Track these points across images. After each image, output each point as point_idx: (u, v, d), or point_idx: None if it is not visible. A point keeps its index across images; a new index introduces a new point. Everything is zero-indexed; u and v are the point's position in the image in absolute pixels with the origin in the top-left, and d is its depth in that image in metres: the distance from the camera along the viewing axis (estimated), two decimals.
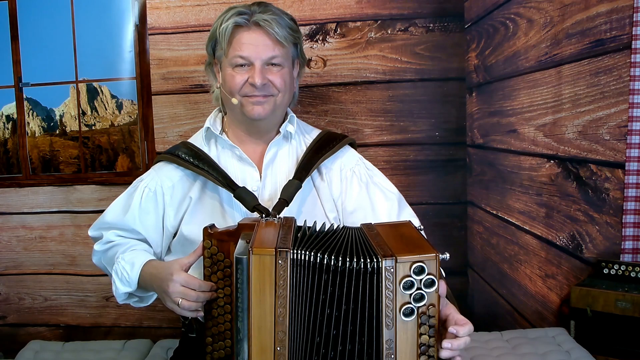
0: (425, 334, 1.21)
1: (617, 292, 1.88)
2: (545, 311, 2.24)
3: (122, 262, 1.54)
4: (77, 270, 2.66)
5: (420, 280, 1.18)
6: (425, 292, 1.19)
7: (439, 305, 1.22)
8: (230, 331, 1.34)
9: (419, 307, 1.19)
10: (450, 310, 1.27)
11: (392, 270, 1.18)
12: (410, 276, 1.18)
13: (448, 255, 1.22)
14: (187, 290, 1.35)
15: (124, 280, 1.53)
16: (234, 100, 1.57)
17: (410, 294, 1.18)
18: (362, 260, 1.19)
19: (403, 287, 1.18)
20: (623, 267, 1.96)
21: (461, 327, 1.23)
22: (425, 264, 1.17)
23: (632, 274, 1.94)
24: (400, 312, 1.19)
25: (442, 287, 1.25)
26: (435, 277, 1.18)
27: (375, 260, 1.19)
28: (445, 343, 1.21)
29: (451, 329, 1.22)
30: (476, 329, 2.21)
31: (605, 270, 1.98)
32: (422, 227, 1.36)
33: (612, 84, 1.92)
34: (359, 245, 1.26)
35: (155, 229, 1.63)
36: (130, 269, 1.52)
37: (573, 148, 2.06)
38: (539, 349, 1.98)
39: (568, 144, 2.08)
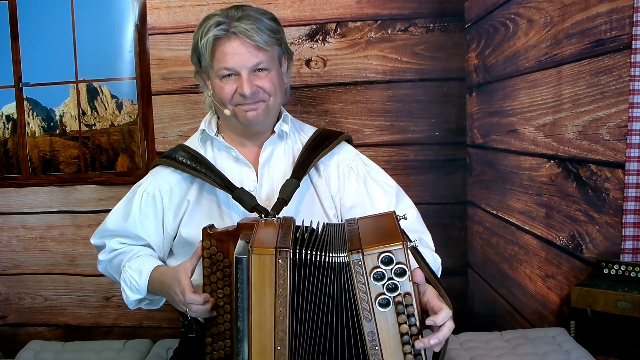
0: (404, 323, 1.21)
1: (617, 292, 1.87)
2: (545, 311, 2.24)
3: (130, 270, 1.55)
4: (77, 270, 2.67)
5: (391, 270, 1.18)
6: (397, 281, 1.19)
7: (418, 293, 1.23)
8: (229, 331, 1.34)
9: (394, 297, 1.20)
10: (429, 296, 1.27)
11: (360, 263, 1.18)
12: (380, 267, 1.18)
13: (417, 239, 1.23)
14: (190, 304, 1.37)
15: (133, 288, 1.54)
16: (227, 112, 1.57)
17: (383, 285, 1.19)
18: (334, 254, 1.21)
19: (374, 279, 1.18)
20: (623, 267, 1.96)
21: (437, 315, 1.22)
22: (392, 253, 1.17)
23: (632, 274, 1.94)
24: (376, 303, 1.19)
25: (419, 274, 1.25)
26: (406, 266, 1.18)
27: (344, 255, 1.20)
28: (433, 340, 1.21)
29: (428, 321, 1.22)
30: (476, 329, 2.23)
31: (605, 270, 1.98)
32: (406, 216, 1.36)
33: (612, 84, 1.92)
34: (338, 241, 1.27)
35: (156, 233, 1.63)
36: (139, 277, 1.53)
37: (573, 148, 2.06)
38: (539, 349, 1.98)
39: (568, 144, 2.07)
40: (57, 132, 2.62)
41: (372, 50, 2.44)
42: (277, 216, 1.42)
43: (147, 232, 1.62)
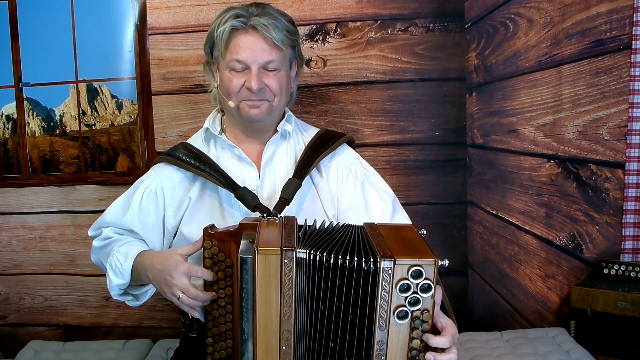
0: (417, 338, 1.21)
1: (617, 292, 1.88)
2: (545, 311, 2.24)
3: (117, 254, 1.53)
4: (77, 270, 2.66)
5: (417, 284, 1.18)
6: (421, 296, 1.18)
7: (434, 312, 1.22)
8: (231, 331, 1.34)
9: (413, 311, 1.19)
10: (447, 324, 1.27)
11: (389, 271, 1.17)
12: (407, 279, 1.18)
13: (447, 262, 1.22)
14: (189, 286, 1.35)
15: (117, 272, 1.52)
16: (231, 104, 1.58)
17: (406, 297, 1.18)
18: (362, 259, 1.19)
19: (399, 290, 1.18)
20: (623, 267, 1.96)
21: (434, 337, 1.22)
22: (423, 268, 1.17)
23: (632, 274, 1.94)
24: (394, 314, 1.19)
25: (439, 294, 1.26)
26: (432, 283, 1.18)
27: (373, 259, 1.19)
28: (428, 355, 1.22)
29: (424, 337, 1.22)
30: (476, 329, 2.24)
31: (605, 270, 1.99)
32: (424, 232, 1.36)
33: (612, 84, 1.93)
34: (360, 244, 1.26)
35: (154, 230, 1.63)
36: (124, 260, 1.51)
37: (573, 148, 2.06)
38: (539, 349, 1.99)
39: (568, 144, 2.08)
40: (57, 132, 2.62)
41: (372, 50, 2.44)
42: (279, 216, 1.42)
43: (144, 228, 1.62)
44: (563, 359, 1.91)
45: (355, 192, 1.65)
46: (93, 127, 2.60)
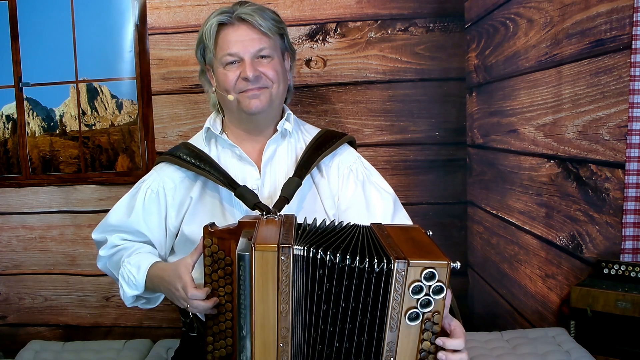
0: (427, 340, 1.21)
1: (617, 292, 1.88)
2: (545, 311, 2.24)
3: (128, 265, 1.55)
4: (77, 270, 2.66)
5: (430, 286, 1.18)
6: (432, 298, 1.18)
7: (443, 313, 1.22)
8: (231, 329, 1.34)
9: (424, 313, 1.20)
10: (456, 326, 1.28)
11: (403, 273, 1.17)
12: (420, 281, 1.18)
13: (459, 264, 1.21)
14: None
15: (131, 284, 1.54)
16: (230, 97, 1.58)
17: (418, 299, 1.18)
18: (374, 260, 1.19)
19: (412, 291, 1.18)
20: (623, 267, 1.96)
21: (449, 339, 1.23)
22: (436, 270, 1.17)
23: (632, 274, 1.94)
24: (405, 315, 1.19)
25: (449, 296, 1.26)
26: (445, 285, 1.18)
27: (386, 261, 1.19)
28: (440, 354, 1.23)
29: (438, 340, 1.22)
30: (476, 329, 2.23)
31: (605, 270, 1.98)
32: (430, 233, 1.36)
33: (612, 84, 1.93)
34: (370, 244, 1.26)
35: (158, 230, 1.64)
36: (137, 272, 1.53)
37: (573, 148, 2.06)
38: (539, 349, 1.98)
39: (568, 144, 2.08)
40: (57, 132, 2.62)
41: (372, 50, 2.44)
42: (278, 214, 1.42)
43: (150, 229, 1.63)
44: (563, 359, 1.90)
45: (356, 191, 1.66)
46: (93, 127, 2.60)
